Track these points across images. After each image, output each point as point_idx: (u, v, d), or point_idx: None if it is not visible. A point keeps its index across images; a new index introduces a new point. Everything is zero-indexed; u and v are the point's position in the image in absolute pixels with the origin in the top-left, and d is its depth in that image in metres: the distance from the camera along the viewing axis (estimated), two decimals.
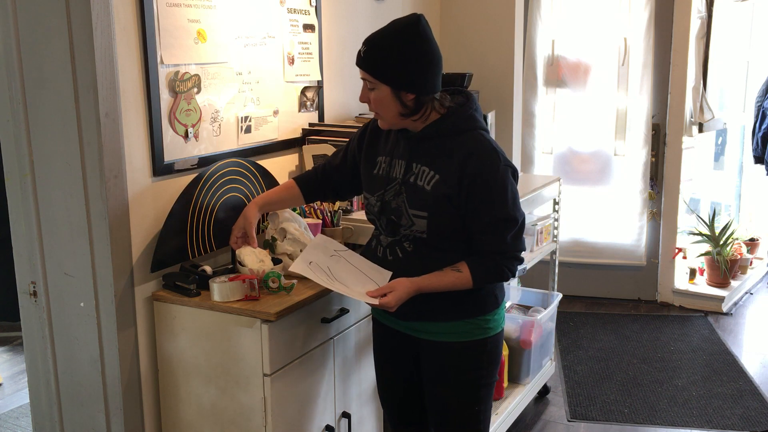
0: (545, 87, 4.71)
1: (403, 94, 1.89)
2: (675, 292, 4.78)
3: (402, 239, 1.99)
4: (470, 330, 2.01)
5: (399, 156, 2.00)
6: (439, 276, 1.93)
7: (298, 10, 2.78)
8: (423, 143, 1.96)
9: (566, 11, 4.60)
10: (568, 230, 4.75)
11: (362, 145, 2.14)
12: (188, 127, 2.33)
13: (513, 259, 1.95)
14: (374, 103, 1.93)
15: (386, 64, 1.87)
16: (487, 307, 2.03)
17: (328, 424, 2.38)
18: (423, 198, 1.93)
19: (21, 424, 3.32)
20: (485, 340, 2.03)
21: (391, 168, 2.01)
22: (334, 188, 2.27)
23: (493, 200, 1.89)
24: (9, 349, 4.12)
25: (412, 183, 1.95)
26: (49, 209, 2.18)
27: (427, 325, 2.03)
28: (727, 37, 4.84)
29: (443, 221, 1.92)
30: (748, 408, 3.41)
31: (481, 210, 1.90)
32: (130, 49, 2.12)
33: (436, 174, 1.92)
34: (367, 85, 1.92)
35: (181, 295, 2.20)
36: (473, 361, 2.04)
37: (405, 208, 1.95)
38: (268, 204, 2.28)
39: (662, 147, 4.66)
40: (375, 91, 1.91)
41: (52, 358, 2.29)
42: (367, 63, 1.89)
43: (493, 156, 1.90)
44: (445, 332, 2.02)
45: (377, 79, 1.88)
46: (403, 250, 1.99)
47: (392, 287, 1.92)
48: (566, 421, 3.32)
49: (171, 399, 2.29)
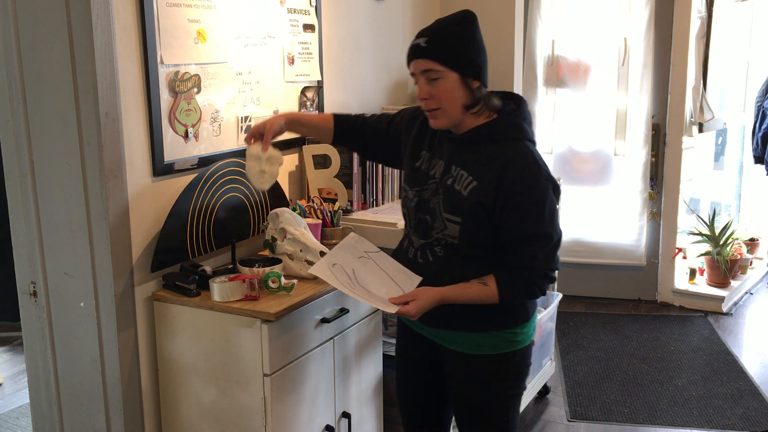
0: (545, 87, 4.70)
1: (471, 81, 1.82)
2: (675, 292, 4.78)
3: (434, 243, 1.92)
4: (497, 343, 1.94)
5: (440, 156, 1.94)
6: (465, 288, 1.87)
7: (298, 10, 2.78)
8: (465, 146, 1.89)
9: (566, 11, 4.60)
10: (568, 230, 4.71)
11: (411, 129, 2.05)
12: (188, 127, 2.33)
13: (544, 277, 1.86)
14: (440, 95, 1.82)
15: (454, 49, 1.80)
16: (517, 320, 1.95)
17: (328, 424, 2.38)
18: (458, 203, 1.86)
19: (21, 424, 3.32)
20: (513, 353, 1.96)
21: (431, 166, 1.95)
22: (365, 144, 2.19)
23: (528, 214, 1.82)
24: (9, 349, 4.12)
25: (450, 186, 1.88)
26: (49, 209, 2.18)
27: (453, 334, 1.97)
28: (727, 37, 4.84)
29: (476, 229, 1.85)
30: (748, 408, 3.41)
31: (514, 223, 1.82)
32: (130, 49, 2.12)
33: (474, 180, 1.85)
34: (430, 77, 1.82)
35: (181, 295, 2.20)
36: (499, 374, 1.97)
37: (440, 211, 1.89)
38: (297, 121, 2.17)
39: (662, 147, 4.66)
40: (439, 81, 1.81)
41: (52, 358, 2.29)
42: (433, 51, 1.80)
43: (534, 168, 1.82)
44: (470, 344, 1.95)
45: (446, 65, 1.79)
46: (434, 254, 1.93)
47: (415, 296, 1.86)
48: (566, 421, 3.32)
49: (171, 399, 2.29)
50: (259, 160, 2.07)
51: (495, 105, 1.89)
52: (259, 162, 2.07)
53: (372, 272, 2.00)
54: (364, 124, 2.19)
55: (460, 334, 1.96)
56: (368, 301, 1.90)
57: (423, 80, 1.84)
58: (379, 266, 2.01)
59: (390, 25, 3.49)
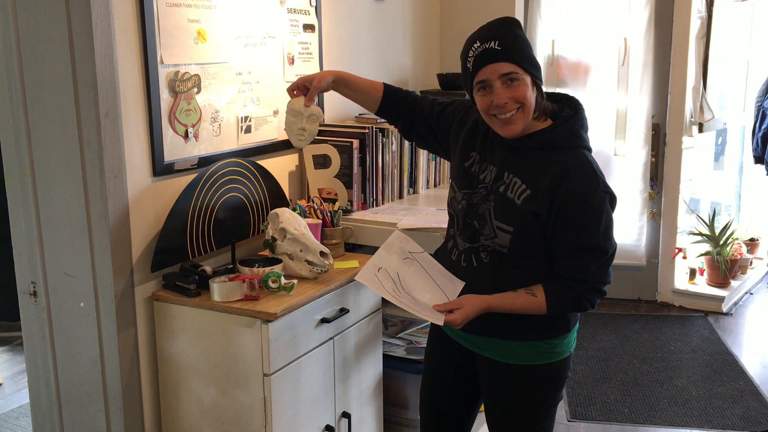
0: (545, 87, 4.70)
1: (539, 83, 1.78)
2: (675, 292, 4.78)
3: (480, 248, 1.86)
4: (534, 353, 1.88)
5: (491, 160, 1.86)
6: (512, 297, 1.81)
7: (298, 10, 2.78)
8: (519, 153, 1.82)
9: (566, 11, 4.60)
10: None
11: (464, 125, 1.97)
12: (188, 127, 2.33)
13: (594, 291, 1.80)
14: (520, 98, 1.74)
15: (526, 52, 1.75)
16: (557, 331, 1.88)
17: (328, 424, 2.38)
18: (511, 212, 1.79)
19: (21, 424, 3.32)
20: (550, 365, 1.89)
21: (481, 169, 1.87)
22: (410, 123, 2.12)
23: (583, 225, 1.75)
24: (9, 349, 4.12)
25: (502, 193, 1.81)
26: (49, 209, 2.18)
27: (489, 341, 1.91)
28: (727, 37, 4.84)
29: (528, 239, 1.79)
30: (748, 408, 3.41)
31: (568, 234, 1.76)
32: (130, 49, 2.12)
33: (528, 188, 1.78)
34: (506, 80, 1.74)
35: (181, 295, 2.20)
36: (536, 385, 1.92)
37: (490, 218, 1.82)
38: (345, 82, 2.10)
39: (662, 147, 4.66)
40: (518, 84, 1.73)
41: (52, 358, 2.29)
42: (511, 54, 1.72)
43: (592, 178, 1.75)
44: (506, 352, 1.90)
45: (522, 67, 1.73)
46: (479, 260, 1.87)
47: (461, 304, 1.81)
48: (566, 421, 3.32)
49: (171, 399, 2.29)
50: (300, 116, 2.00)
51: (548, 108, 1.83)
52: (300, 118, 2.00)
53: (417, 275, 1.94)
54: (414, 103, 2.10)
55: (497, 341, 1.91)
56: (414, 311, 1.84)
57: (500, 85, 1.74)
58: (423, 268, 1.96)
59: (390, 25, 3.49)
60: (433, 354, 2.15)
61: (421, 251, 1.99)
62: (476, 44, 1.77)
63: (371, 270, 1.92)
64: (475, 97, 1.81)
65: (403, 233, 2.04)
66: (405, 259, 1.97)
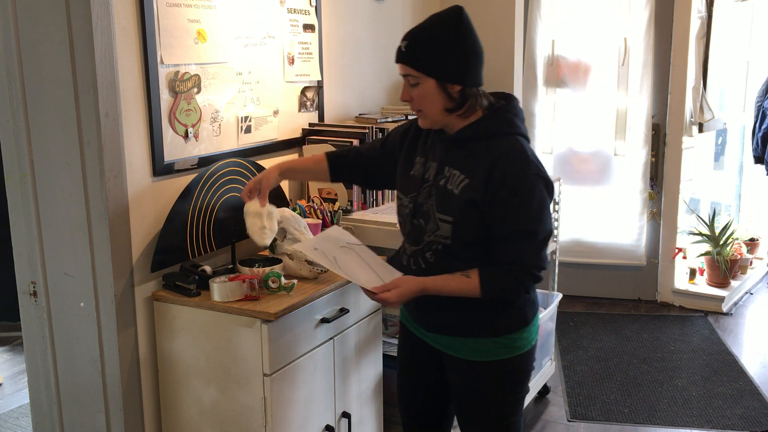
0: (545, 87, 4.70)
1: (450, 87, 1.81)
2: (675, 292, 4.78)
3: (425, 249, 1.91)
4: (494, 349, 1.93)
5: (433, 158, 1.93)
6: (447, 279, 1.86)
7: (298, 10, 2.78)
8: (457, 146, 1.88)
9: (566, 11, 4.60)
10: (568, 230, 4.75)
11: (404, 142, 2.05)
12: (188, 127, 2.33)
13: (527, 274, 1.83)
14: (418, 99, 1.84)
15: (431, 56, 1.80)
16: (515, 326, 1.92)
17: (328, 424, 2.38)
18: (450, 202, 1.85)
19: (21, 424, 3.32)
20: (511, 359, 1.94)
21: (426, 170, 1.94)
22: (365, 174, 2.18)
23: (515, 209, 1.80)
24: (9, 349, 4.12)
25: (443, 186, 1.87)
26: (49, 209, 2.18)
27: (452, 340, 1.96)
28: (727, 37, 4.84)
29: (468, 227, 1.84)
30: (748, 408, 3.41)
31: (502, 218, 1.80)
32: (130, 49, 2.12)
33: (466, 178, 1.83)
34: (410, 81, 1.84)
35: (181, 295, 2.20)
36: (500, 380, 1.96)
37: (433, 212, 1.88)
38: (291, 170, 2.19)
39: (662, 147, 4.66)
40: (419, 86, 1.82)
41: (52, 358, 2.29)
42: (410, 57, 1.81)
43: (524, 162, 1.80)
44: (469, 350, 1.94)
45: (422, 72, 1.81)
46: (425, 260, 1.91)
47: (397, 284, 1.87)
48: (566, 421, 3.32)
49: (171, 399, 2.29)
50: (259, 217, 2.11)
51: (485, 104, 1.88)
52: (260, 218, 2.11)
53: (354, 262, 1.98)
54: (358, 155, 2.17)
55: (459, 340, 1.95)
56: (352, 278, 1.91)
57: (406, 84, 1.86)
58: (361, 257, 2.00)
59: (390, 25, 3.49)
60: (404, 354, 2.18)
61: (360, 243, 2.04)
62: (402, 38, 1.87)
63: (308, 246, 1.99)
64: None
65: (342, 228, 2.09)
66: (342, 247, 2.01)
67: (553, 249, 3.52)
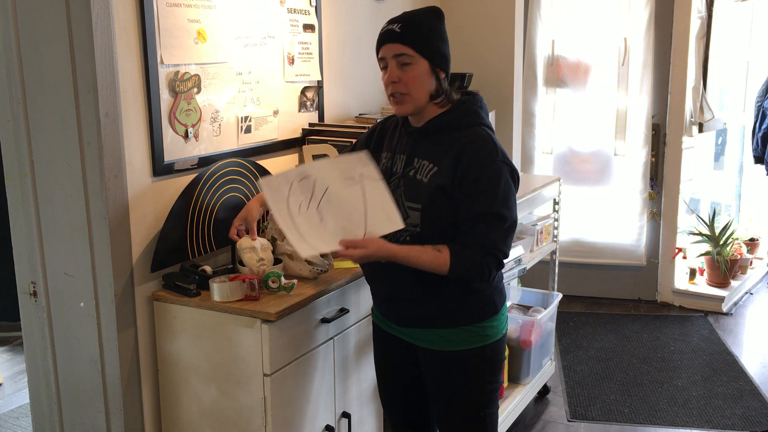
0: (545, 87, 4.70)
1: (438, 71, 1.89)
2: (675, 292, 4.78)
3: (393, 239, 1.91)
4: (467, 338, 1.97)
5: (401, 151, 1.98)
6: (418, 250, 1.85)
7: (298, 10, 2.78)
8: (426, 137, 1.94)
9: (566, 11, 4.60)
10: (568, 230, 4.75)
11: (370, 143, 2.11)
12: (188, 127, 2.33)
13: (494, 258, 1.86)
14: (408, 80, 1.88)
15: (427, 39, 1.87)
16: (486, 314, 1.99)
17: (328, 424, 2.38)
18: (419, 190, 1.89)
19: (21, 424, 3.33)
20: (484, 348, 1.99)
21: (393, 163, 1.99)
22: None
23: (482, 192, 1.84)
24: (9, 349, 4.12)
25: (412, 176, 1.92)
26: (49, 209, 2.18)
27: (425, 332, 2.01)
28: (727, 37, 4.84)
29: (437, 214, 1.88)
30: (748, 408, 3.41)
31: (469, 201, 1.85)
32: (130, 49, 2.12)
33: (435, 166, 1.89)
34: (401, 62, 1.87)
35: (181, 295, 2.20)
36: (473, 369, 2.00)
37: (402, 201, 1.92)
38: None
39: (662, 147, 4.66)
40: (410, 67, 1.87)
41: (52, 358, 2.29)
42: (407, 37, 1.86)
43: (490, 149, 1.87)
44: (441, 340, 1.99)
45: (418, 52, 1.86)
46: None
47: (366, 244, 1.81)
48: (566, 421, 3.32)
49: (171, 399, 2.29)
50: (254, 251, 2.18)
51: (454, 99, 1.95)
52: (255, 252, 2.18)
53: (349, 200, 1.87)
54: None
55: (430, 331, 1.99)
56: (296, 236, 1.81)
57: (394, 65, 1.89)
58: (363, 195, 1.87)
59: None
60: (379, 355, 2.21)
61: (377, 179, 1.89)
62: (385, 25, 1.93)
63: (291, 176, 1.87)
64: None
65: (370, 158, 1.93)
66: (348, 179, 1.90)
67: (553, 249, 3.52)
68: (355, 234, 1.85)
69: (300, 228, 1.85)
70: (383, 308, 2.09)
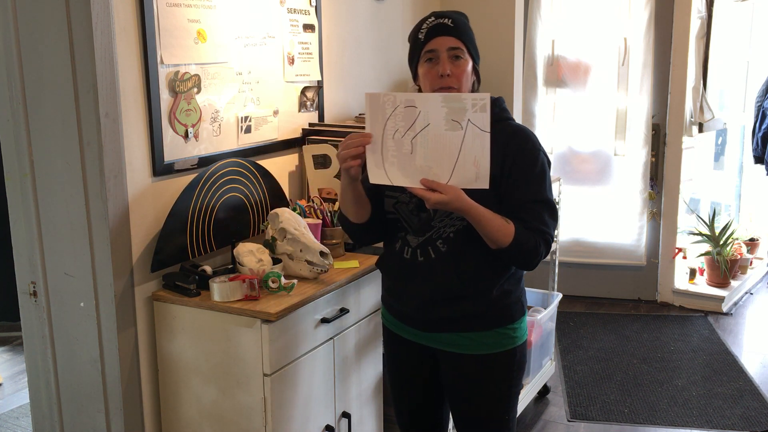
0: (545, 87, 4.70)
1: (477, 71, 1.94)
2: (675, 292, 4.78)
3: (434, 237, 1.88)
4: (498, 341, 1.94)
5: None
6: (491, 214, 1.79)
7: (298, 10, 2.78)
8: None
9: (566, 11, 4.60)
10: (568, 230, 4.75)
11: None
12: (188, 127, 2.33)
13: (545, 243, 1.85)
14: (459, 75, 1.87)
15: (472, 37, 1.92)
16: (516, 315, 1.96)
17: (328, 424, 2.38)
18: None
19: (21, 424, 3.32)
20: (514, 350, 1.96)
21: None
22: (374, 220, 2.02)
23: (534, 180, 1.87)
24: (9, 349, 4.12)
25: None
26: (49, 209, 2.18)
27: (452, 336, 1.94)
28: (727, 37, 4.84)
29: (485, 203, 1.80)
30: (748, 408, 3.41)
31: (521, 187, 1.85)
32: (130, 49, 2.12)
33: None
34: (453, 55, 1.87)
35: (181, 295, 2.20)
36: (502, 372, 1.97)
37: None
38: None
39: (662, 147, 4.66)
40: (461, 61, 1.88)
41: (52, 358, 2.29)
42: (460, 32, 1.88)
43: (534, 140, 1.92)
44: (471, 344, 1.93)
45: (467, 48, 1.89)
46: (436, 250, 1.89)
47: (446, 190, 1.73)
48: (566, 421, 3.32)
49: (171, 399, 2.29)
50: (252, 254, 2.26)
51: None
52: (253, 254, 2.26)
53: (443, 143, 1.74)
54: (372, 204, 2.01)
55: (460, 335, 1.93)
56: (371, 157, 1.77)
57: (446, 57, 1.87)
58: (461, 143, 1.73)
59: (390, 25, 3.49)
60: (393, 357, 2.13)
61: (485, 131, 1.71)
62: (431, 19, 1.93)
63: (398, 100, 1.75)
64: (420, 69, 1.92)
65: (488, 104, 1.73)
66: (454, 121, 1.73)
67: (553, 249, 3.52)
68: (438, 178, 1.76)
69: (386, 152, 1.76)
70: (410, 315, 1.99)
